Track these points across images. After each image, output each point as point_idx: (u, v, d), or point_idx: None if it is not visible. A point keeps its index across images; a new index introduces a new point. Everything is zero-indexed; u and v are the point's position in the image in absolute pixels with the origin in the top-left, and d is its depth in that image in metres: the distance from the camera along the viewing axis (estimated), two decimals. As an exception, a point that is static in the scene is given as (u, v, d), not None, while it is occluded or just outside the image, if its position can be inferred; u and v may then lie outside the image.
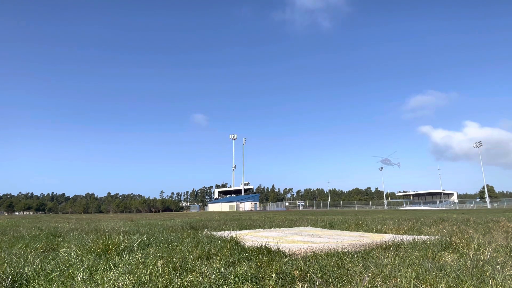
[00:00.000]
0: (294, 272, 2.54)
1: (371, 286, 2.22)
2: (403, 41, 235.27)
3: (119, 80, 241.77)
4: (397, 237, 4.39)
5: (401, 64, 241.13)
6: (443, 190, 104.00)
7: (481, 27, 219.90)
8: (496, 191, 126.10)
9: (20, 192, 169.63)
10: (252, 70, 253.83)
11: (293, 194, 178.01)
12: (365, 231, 6.07)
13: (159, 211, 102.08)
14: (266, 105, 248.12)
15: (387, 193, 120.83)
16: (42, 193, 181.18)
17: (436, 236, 4.57)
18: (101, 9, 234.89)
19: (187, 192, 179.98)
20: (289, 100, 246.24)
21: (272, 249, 3.54)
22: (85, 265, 2.88)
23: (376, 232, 5.94)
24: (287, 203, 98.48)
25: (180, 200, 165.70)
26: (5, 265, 2.88)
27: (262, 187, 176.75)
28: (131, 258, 3.20)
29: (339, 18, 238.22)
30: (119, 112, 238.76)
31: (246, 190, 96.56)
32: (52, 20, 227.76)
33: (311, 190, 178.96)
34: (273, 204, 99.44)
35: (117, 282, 2.30)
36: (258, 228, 7.16)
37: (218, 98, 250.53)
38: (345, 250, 3.62)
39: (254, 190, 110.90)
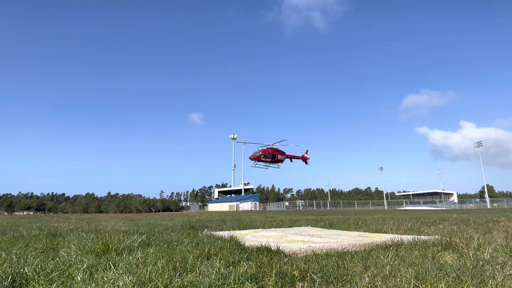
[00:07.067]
0: (294, 272, 2.54)
1: (371, 286, 2.22)
2: (397, 40, 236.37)
3: (118, 80, 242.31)
4: (397, 237, 4.39)
5: (393, 63, 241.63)
6: (443, 190, 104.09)
7: (472, 27, 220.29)
8: (496, 191, 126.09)
9: (20, 192, 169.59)
10: (251, 70, 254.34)
11: (293, 194, 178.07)
12: (365, 231, 6.07)
13: (159, 211, 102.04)
14: (266, 105, 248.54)
15: (387, 193, 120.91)
16: (42, 193, 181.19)
17: (436, 236, 4.57)
18: (98, 10, 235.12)
19: (187, 192, 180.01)
20: (288, 100, 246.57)
21: (272, 249, 3.54)
22: (85, 265, 2.88)
23: (376, 232, 5.94)
24: (287, 203, 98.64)
25: (180, 200, 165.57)
26: (5, 265, 2.88)
27: (262, 187, 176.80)
28: (131, 258, 3.20)
29: (334, 18, 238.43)
30: (119, 112, 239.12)
31: (246, 190, 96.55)
32: (51, 20, 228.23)
33: (311, 190, 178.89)
34: (273, 204, 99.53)
35: (117, 282, 2.30)
36: (258, 228, 7.16)
37: (218, 98, 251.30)
38: (345, 250, 3.62)
39: (254, 190, 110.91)
